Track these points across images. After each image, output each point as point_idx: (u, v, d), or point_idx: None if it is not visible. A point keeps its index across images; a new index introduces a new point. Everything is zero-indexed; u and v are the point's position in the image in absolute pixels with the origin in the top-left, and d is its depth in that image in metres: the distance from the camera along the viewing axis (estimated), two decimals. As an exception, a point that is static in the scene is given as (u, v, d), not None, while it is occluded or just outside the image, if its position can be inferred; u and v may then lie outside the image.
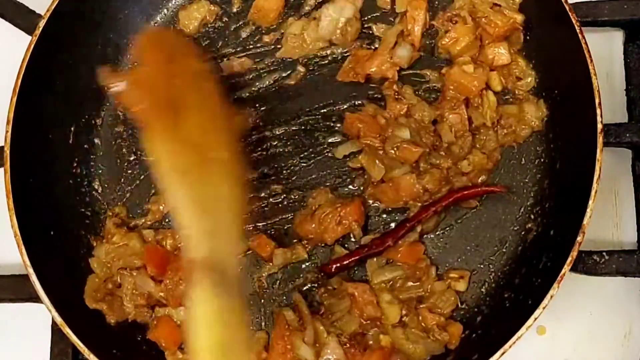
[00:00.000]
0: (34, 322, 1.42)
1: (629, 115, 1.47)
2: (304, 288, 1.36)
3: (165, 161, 0.98)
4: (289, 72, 1.46)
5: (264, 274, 1.37)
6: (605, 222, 1.44)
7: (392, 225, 1.37)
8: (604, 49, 1.50)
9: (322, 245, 1.37)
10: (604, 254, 1.31)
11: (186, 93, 1.06)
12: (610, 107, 1.45)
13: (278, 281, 1.37)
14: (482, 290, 1.35)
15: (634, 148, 1.42)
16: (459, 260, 1.36)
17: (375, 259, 1.35)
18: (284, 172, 1.42)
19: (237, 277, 0.93)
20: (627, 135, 1.36)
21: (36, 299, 1.27)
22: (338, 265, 1.34)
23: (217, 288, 0.89)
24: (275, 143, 1.43)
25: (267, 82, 1.46)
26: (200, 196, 0.97)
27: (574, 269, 1.26)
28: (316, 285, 1.35)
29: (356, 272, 1.36)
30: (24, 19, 1.45)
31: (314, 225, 1.35)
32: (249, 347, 0.86)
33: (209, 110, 1.06)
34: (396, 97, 1.40)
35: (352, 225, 1.35)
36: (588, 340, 1.39)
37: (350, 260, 1.34)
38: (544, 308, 1.18)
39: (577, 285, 1.36)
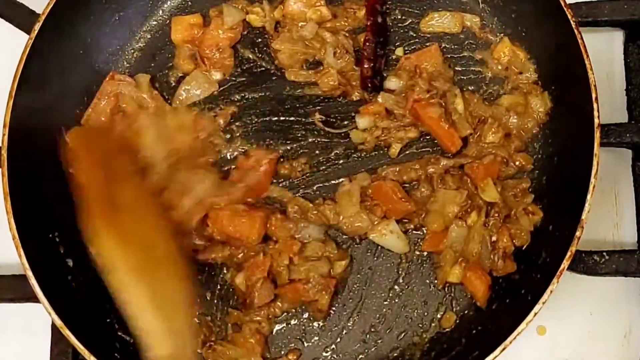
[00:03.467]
0: (34, 322, 1.42)
1: (629, 115, 1.47)
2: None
3: (119, 264, 0.99)
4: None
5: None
6: (605, 222, 1.44)
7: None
8: (604, 49, 1.50)
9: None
10: (604, 253, 1.31)
11: (122, 192, 1.06)
12: (610, 107, 1.46)
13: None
14: (482, 286, 1.35)
15: (634, 148, 1.42)
16: (458, 260, 1.36)
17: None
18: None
19: None
20: (627, 135, 1.36)
21: (36, 299, 1.26)
22: None
23: None
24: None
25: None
26: (157, 295, 0.99)
27: (574, 268, 1.26)
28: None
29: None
30: (24, 19, 1.44)
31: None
32: None
33: (146, 208, 1.06)
34: None
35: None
36: (588, 340, 1.39)
37: None
38: (543, 303, 1.18)
39: (577, 285, 1.36)
